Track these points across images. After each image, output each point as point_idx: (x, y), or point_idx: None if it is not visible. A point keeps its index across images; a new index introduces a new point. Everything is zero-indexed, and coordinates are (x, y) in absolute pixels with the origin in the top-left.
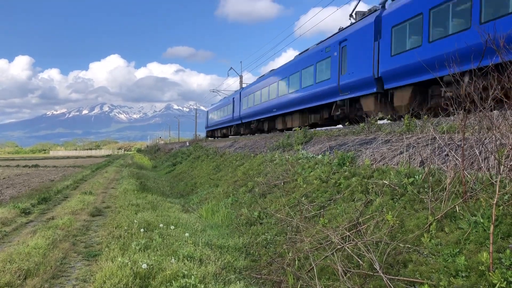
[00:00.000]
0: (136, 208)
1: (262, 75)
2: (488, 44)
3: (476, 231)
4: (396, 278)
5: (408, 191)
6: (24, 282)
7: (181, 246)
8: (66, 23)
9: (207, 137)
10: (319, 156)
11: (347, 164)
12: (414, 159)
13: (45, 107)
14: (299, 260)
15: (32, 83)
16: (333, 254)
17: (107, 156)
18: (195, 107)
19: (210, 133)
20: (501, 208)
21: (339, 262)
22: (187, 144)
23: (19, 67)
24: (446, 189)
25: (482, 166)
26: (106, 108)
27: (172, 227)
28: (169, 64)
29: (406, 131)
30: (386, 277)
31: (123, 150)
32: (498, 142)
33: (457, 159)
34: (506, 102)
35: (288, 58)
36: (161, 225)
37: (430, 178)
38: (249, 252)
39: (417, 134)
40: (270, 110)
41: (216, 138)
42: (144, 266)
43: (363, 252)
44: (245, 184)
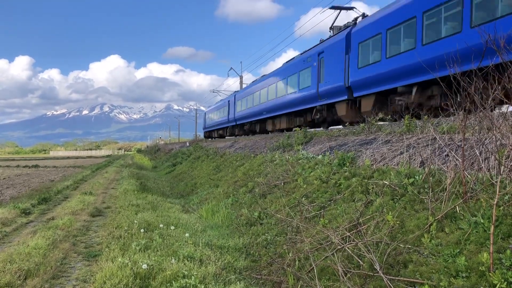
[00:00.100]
0: (136, 208)
1: (254, 80)
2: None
3: (476, 232)
4: (396, 278)
5: (408, 192)
6: (24, 282)
7: (181, 247)
8: (66, 23)
9: (205, 137)
10: (319, 156)
11: (347, 164)
12: (414, 160)
13: (45, 107)
14: (299, 260)
15: (32, 83)
16: (333, 254)
17: (107, 156)
18: (195, 107)
19: (207, 133)
20: (501, 208)
21: (340, 263)
22: (187, 144)
23: (19, 67)
24: (446, 189)
25: (482, 167)
26: (106, 108)
27: (172, 228)
28: (169, 64)
29: (406, 132)
30: (386, 277)
31: (123, 150)
32: (498, 143)
33: (457, 160)
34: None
35: (288, 58)
36: (161, 225)
37: (430, 178)
38: (249, 252)
39: (417, 134)
40: (261, 113)
41: (213, 139)
42: (144, 266)
43: (364, 252)
44: (245, 184)
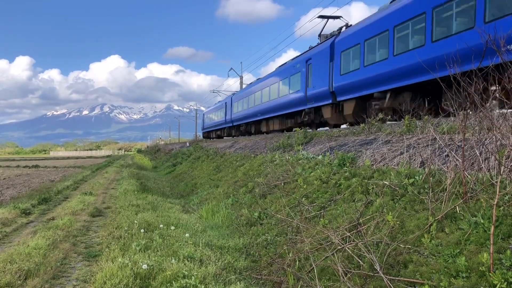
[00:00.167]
0: (136, 208)
1: (250, 83)
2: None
3: (476, 232)
4: (396, 278)
5: (408, 192)
6: (24, 282)
7: (181, 247)
8: (66, 24)
9: (204, 138)
10: (320, 156)
11: (348, 164)
12: (414, 160)
13: (45, 108)
14: (300, 260)
15: (32, 84)
16: (333, 254)
17: (108, 156)
18: (195, 108)
19: (206, 134)
20: (501, 208)
21: (340, 263)
22: (187, 144)
23: (20, 68)
24: (446, 189)
25: (482, 167)
26: (106, 108)
27: (172, 228)
28: (169, 64)
29: (406, 132)
30: (386, 277)
31: (124, 150)
32: (498, 143)
33: (457, 160)
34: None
35: (288, 58)
36: (161, 225)
37: (431, 178)
38: (249, 252)
39: (417, 134)
40: (256, 115)
41: (211, 139)
42: (144, 266)
43: (364, 252)
44: (245, 184)
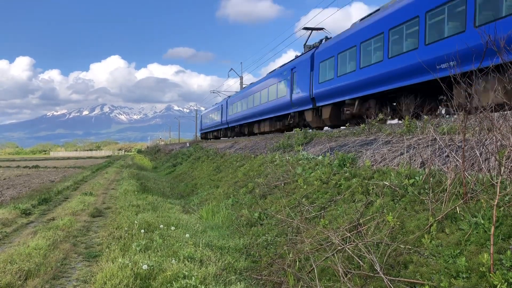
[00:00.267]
0: (136, 209)
1: (244, 87)
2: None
3: (476, 232)
4: (396, 279)
5: (408, 192)
6: (24, 282)
7: (181, 247)
8: (66, 24)
9: (201, 138)
10: (320, 157)
11: (348, 165)
12: (414, 160)
13: (45, 108)
14: (300, 261)
15: (32, 84)
16: (333, 255)
17: (108, 157)
18: (196, 108)
19: (203, 135)
20: (501, 209)
21: (340, 263)
22: (188, 145)
23: (20, 68)
24: (446, 190)
25: (482, 167)
26: (106, 109)
27: (172, 228)
28: (169, 65)
29: (406, 132)
30: (386, 278)
31: (124, 151)
32: (498, 143)
33: (457, 160)
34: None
35: (288, 58)
36: (161, 226)
37: (431, 179)
38: (249, 253)
39: (417, 135)
40: (249, 117)
41: (209, 140)
42: (144, 267)
43: (364, 253)
44: (245, 185)
